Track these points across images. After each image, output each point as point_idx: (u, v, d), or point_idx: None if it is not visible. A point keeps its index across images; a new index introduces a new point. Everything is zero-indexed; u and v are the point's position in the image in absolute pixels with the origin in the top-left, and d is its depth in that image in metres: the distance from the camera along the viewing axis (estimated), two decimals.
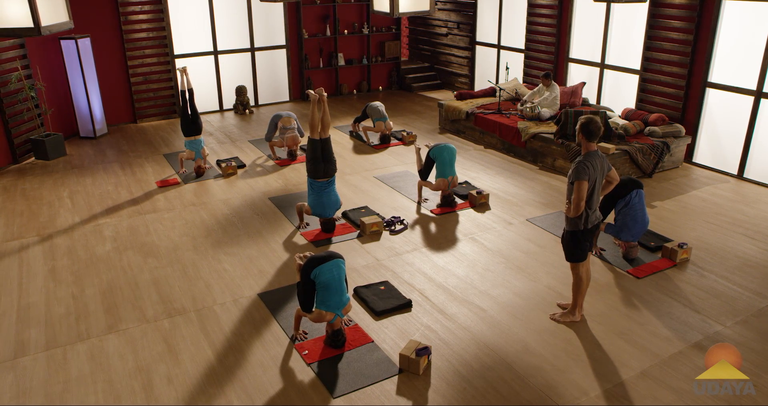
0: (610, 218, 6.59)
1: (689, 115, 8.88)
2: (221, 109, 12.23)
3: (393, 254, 6.34)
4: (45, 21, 4.42)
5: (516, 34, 11.77)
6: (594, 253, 6.24)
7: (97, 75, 10.36)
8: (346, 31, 13.15)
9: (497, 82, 12.22)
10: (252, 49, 12.19)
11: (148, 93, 11.35)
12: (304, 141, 9.65)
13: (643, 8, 9.15)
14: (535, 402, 4.24)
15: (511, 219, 7.14)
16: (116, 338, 4.95)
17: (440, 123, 10.94)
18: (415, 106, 12.53)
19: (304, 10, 12.49)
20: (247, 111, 12.05)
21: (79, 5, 10.00)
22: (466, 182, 8.18)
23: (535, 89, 9.81)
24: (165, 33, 11.15)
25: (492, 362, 4.64)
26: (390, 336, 4.97)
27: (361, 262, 6.18)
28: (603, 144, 8.10)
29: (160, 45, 11.18)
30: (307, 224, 6.97)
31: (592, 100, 10.30)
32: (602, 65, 10.07)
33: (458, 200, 7.64)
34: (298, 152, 9.35)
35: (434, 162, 7.33)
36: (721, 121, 8.58)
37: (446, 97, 12.84)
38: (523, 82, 11.47)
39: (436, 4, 11.74)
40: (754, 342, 4.87)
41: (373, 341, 4.88)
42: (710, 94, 8.62)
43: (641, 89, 9.43)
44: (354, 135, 10.37)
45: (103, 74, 10.67)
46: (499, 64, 12.34)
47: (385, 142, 9.91)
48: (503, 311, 5.29)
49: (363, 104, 12.09)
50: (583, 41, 10.43)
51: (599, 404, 4.22)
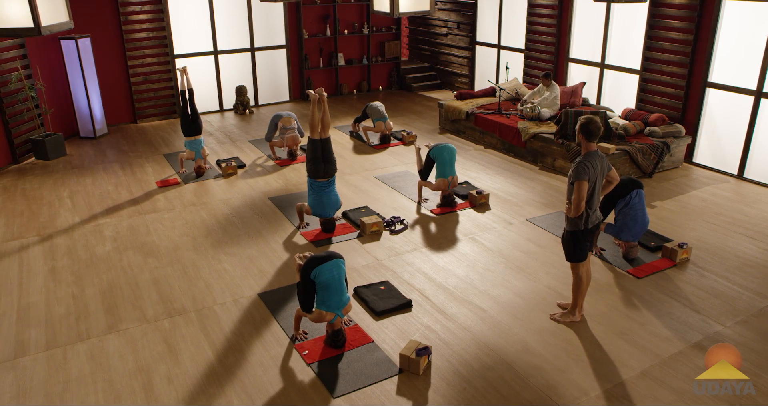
0: (611, 218, 6.59)
1: (689, 115, 8.88)
2: (221, 109, 12.23)
3: (393, 254, 6.34)
4: (45, 21, 4.42)
5: (516, 34, 11.77)
6: (594, 253, 6.24)
7: (97, 75, 10.36)
8: (346, 31, 13.15)
9: (497, 82, 12.22)
10: (252, 49, 12.19)
11: (148, 93, 11.35)
12: (304, 141, 9.65)
13: (643, 8, 9.15)
14: (536, 402, 4.24)
15: (511, 219, 7.14)
16: (116, 338, 4.95)
17: (440, 123, 10.94)
18: (415, 106, 12.53)
19: (304, 10, 12.49)
20: (247, 111, 12.05)
21: (79, 5, 10.00)
22: (466, 182, 8.18)
23: (535, 89, 9.81)
24: (165, 33, 11.15)
25: (492, 362, 4.64)
26: (390, 336, 4.97)
27: (361, 262, 6.18)
28: (603, 144, 8.10)
29: (160, 45, 11.19)
30: (307, 224, 6.97)
31: (592, 100, 10.30)
32: (602, 65, 10.07)
33: (458, 200, 7.64)
34: (298, 152, 9.35)
35: (434, 162, 7.33)
36: (721, 121, 8.58)
37: (446, 97, 12.84)
38: (523, 82, 11.47)
39: (436, 4, 11.74)
40: (754, 342, 4.87)
41: (373, 341, 4.88)
42: (710, 94, 8.62)
43: (641, 89, 9.43)
44: (354, 135, 10.37)
45: (103, 74, 10.67)
46: (499, 64, 12.35)
47: (385, 142, 9.91)
48: (503, 311, 5.30)
49: (363, 104, 12.09)
50: (583, 41, 10.43)
51: (599, 404, 4.23)
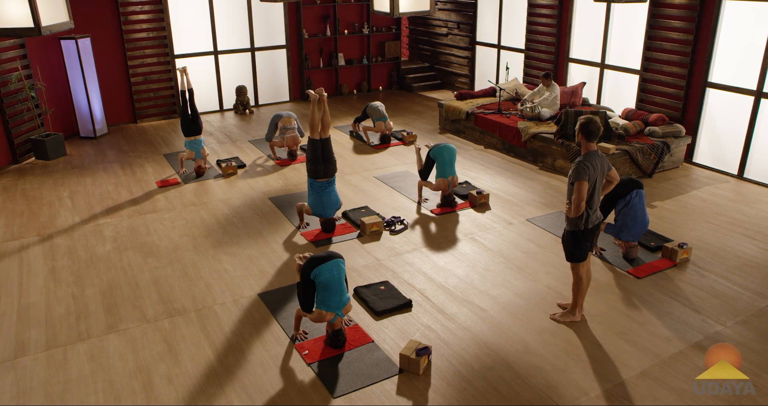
0: (611, 218, 6.59)
1: (689, 115, 8.88)
2: (221, 109, 12.23)
3: (393, 254, 6.34)
4: (45, 21, 4.42)
5: (516, 34, 11.77)
6: (594, 253, 6.24)
7: (97, 75, 10.36)
8: (346, 31, 13.15)
9: (497, 82, 12.22)
10: (252, 49, 12.19)
11: (149, 93, 11.35)
12: (304, 141, 9.65)
13: (643, 8, 9.15)
14: (536, 402, 4.24)
15: (511, 219, 7.14)
16: (116, 338, 4.96)
17: (440, 123, 10.94)
18: (415, 106, 12.53)
19: (304, 10, 12.49)
20: (247, 111, 12.05)
21: (79, 5, 10.00)
22: (466, 182, 8.18)
23: (536, 89, 9.81)
24: (165, 33, 11.15)
25: (492, 362, 4.65)
26: (390, 336, 4.97)
27: (362, 262, 6.18)
28: (603, 144, 8.10)
29: (160, 45, 11.19)
30: (308, 224, 6.97)
31: (593, 100, 10.30)
32: (602, 65, 10.07)
33: (458, 200, 7.64)
34: (299, 152, 9.35)
35: (434, 162, 7.33)
36: (721, 121, 8.58)
37: (446, 97, 12.84)
38: (523, 82, 11.47)
39: (436, 4, 11.74)
40: (754, 342, 4.87)
41: (373, 341, 4.88)
42: (710, 94, 8.62)
43: (641, 89, 9.43)
44: (354, 135, 10.37)
45: (103, 74, 10.67)
46: (499, 64, 12.35)
47: (385, 142, 9.91)
48: (503, 311, 5.30)
49: (363, 104, 12.09)
50: (583, 41, 10.43)
51: (599, 404, 4.23)
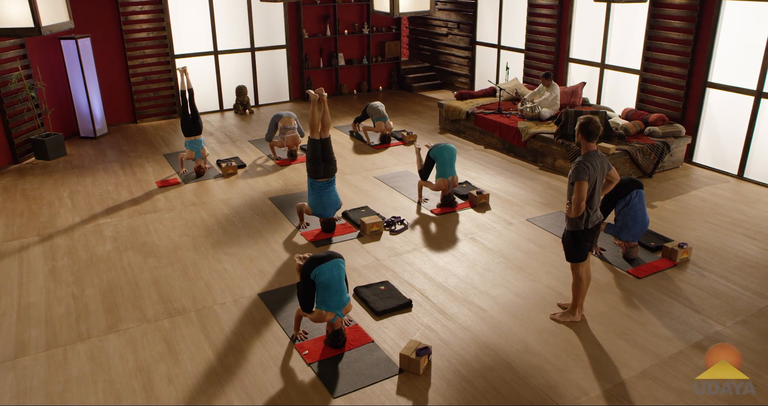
0: (611, 218, 6.59)
1: (689, 115, 8.88)
2: (221, 109, 12.23)
3: (393, 254, 6.34)
4: (45, 21, 4.42)
5: (516, 34, 11.77)
6: (594, 253, 6.24)
7: (97, 75, 10.36)
8: (346, 31, 13.15)
9: (497, 82, 12.22)
10: (252, 49, 12.19)
11: (149, 93, 11.35)
12: (304, 141, 9.65)
13: (643, 8, 9.15)
14: (536, 402, 4.24)
15: (512, 219, 7.14)
16: (116, 338, 4.96)
17: (440, 123, 10.95)
18: (415, 106, 12.53)
19: (304, 10, 12.49)
20: (247, 111, 12.05)
21: (80, 5, 10.00)
22: (466, 182, 8.18)
23: (536, 89, 9.81)
24: (165, 33, 11.15)
25: (492, 362, 4.65)
26: (390, 336, 4.97)
27: (362, 262, 6.18)
28: (603, 144, 8.10)
29: (160, 45, 11.19)
30: (308, 224, 6.97)
31: (593, 100, 10.30)
32: (602, 65, 10.07)
33: (458, 200, 7.64)
34: (299, 152, 9.35)
35: (434, 162, 7.33)
36: (721, 121, 8.58)
37: (446, 97, 12.84)
38: (523, 82, 11.47)
39: (436, 4, 11.74)
40: (754, 342, 4.87)
41: (373, 341, 4.88)
42: (710, 94, 8.62)
43: (641, 89, 9.43)
44: (354, 135, 10.37)
45: (103, 74, 10.67)
46: (499, 64, 12.35)
47: (385, 142, 9.91)
48: (503, 311, 5.30)
49: (363, 104, 12.09)
50: (583, 41, 10.43)
51: (599, 404, 4.23)
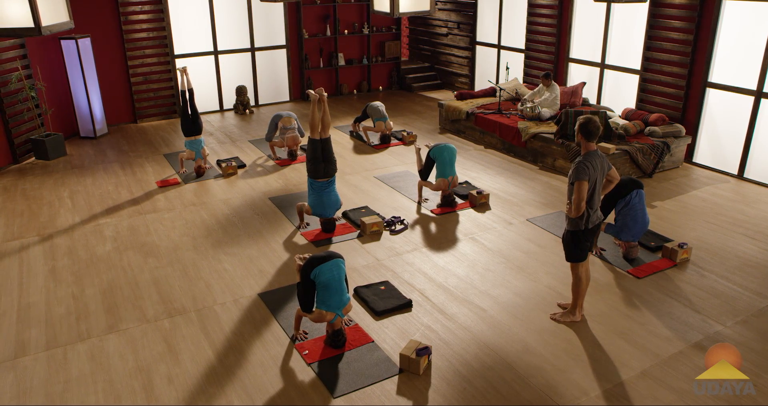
0: (611, 218, 6.59)
1: (689, 115, 8.88)
2: (221, 109, 12.23)
3: (393, 254, 6.34)
4: (45, 21, 4.42)
5: (516, 34, 11.77)
6: (594, 253, 6.24)
7: (97, 75, 10.36)
8: (346, 31, 13.15)
9: (497, 82, 12.22)
10: (252, 49, 12.19)
11: (149, 93, 11.35)
12: (304, 141, 9.65)
13: (643, 8, 9.15)
14: (536, 402, 4.24)
15: (512, 219, 7.14)
16: (116, 338, 4.96)
17: (440, 123, 10.95)
18: (415, 106, 12.53)
19: (304, 10, 12.49)
20: (247, 111, 12.06)
21: (80, 5, 10.00)
22: (466, 182, 8.18)
23: (536, 89, 9.81)
24: (165, 33, 11.15)
25: (492, 361, 4.65)
26: (390, 336, 4.97)
27: (362, 262, 6.18)
28: (603, 144, 8.10)
29: (160, 45, 11.19)
30: (308, 224, 6.97)
31: (593, 100, 10.30)
32: (602, 65, 10.07)
33: (458, 200, 7.64)
34: (299, 152, 9.35)
35: (434, 162, 7.33)
36: (721, 121, 8.58)
37: (446, 97, 12.84)
38: (523, 82, 11.47)
39: (436, 4, 11.74)
40: (754, 342, 4.87)
41: (373, 341, 4.89)
42: (710, 94, 8.62)
43: (641, 89, 9.43)
44: (354, 135, 10.37)
45: (104, 74, 10.67)
46: (499, 64, 12.35)
47: (385, 142, 9.91)
48: (503, 311, 5.30)
49: (363, 104, 12.09)
50: (583, 41, 10.43)
51: (599, 404, 4.23)
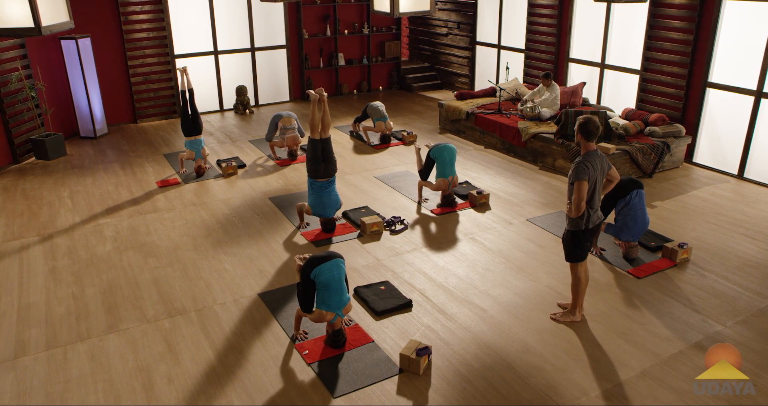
0: (611, 218, 6.59)
1: (689, 115, 8.88)
2: (221, 109, 12.23)
3: (393, 254, 6.34)
4: (45, 21, 4.42)
5: (516, 34, 11.77)
6: (594, 253, 6.24)
7: (97, 75, 10.36)
8: (346, 31, 13.15)
9: (497, 82, 12.23)
10: (252, 49, 12.19)
11: (149, 93, 11.36)
12: (304, 141, 9.66)
13: (644, 8, 9.15)
14: (536, 402, 4.24)
15: (512, 219, 7.14)
16: (117, 338, 4.96)
17: (440, 123, 10.95)
18: (415, 106, 12.53)
19: (304, 10, 12.49)
20: (247, 111, 12.06)
21: (80, 5, 10.00)
22: (466, 182, 8.19)
23: (536, 89, 9.81)
24: (165, 33, 11.15)
25: (492, 361, 4.65)
26: (390, 336, 4.97)
27: (362, 262, 6.18)
28: (603, 144, 8.10)
29: (160, 45, 11.19)
30: (308, 224, 6.97)
31: (593, 100, 10.30)
32: (602, 65, 10.07)
33: (458, 200, 7.64)
34: (299, 152, 9.35)
35: (434, 162, 7.33)
36: (721, 121, 8.58)
37: (446, 97, 12.84)
38: (523, 82, 11.47)
39: (436, 4, 11.74)
40: (754, 342, 4.87)
41: (373, 341, 4.89)
42: (710, 94, 8.62)
43: (641, 89, 9.43)
44: (354, 135, 10.37)
45: (104, 74, 10.67)
46: (499, 64, 12.35)
47: (385, 142, 9.91)
48: (503, 311, 5.30)
49: (363, 104, 12.09)
50: (583, 41, 10.43)
51: (599, 404, 4.23)
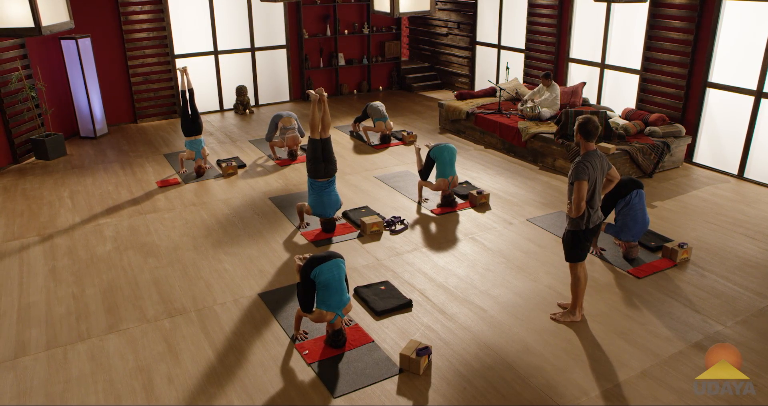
0: (611, 218, 6.60)
1: (689, 115, 8.88)
2: (221, 109, 12.23)
3: (393, 254, 6.34)
4: (45, 21, 4.42)
5: (516, 34, 11.77)
6: (594, 253, 6.24)
7: (97, 75, 10.36)
8: (346, 31, 13.15)
9: (497, 82, 12.23)
10: (252, 49, 12.19)
11: (149, 93, 11.36)
12: (304, 141, 9.66)
13: (644, 8, 9.15)
14: (536, 402, 4.24)
15: (512, 219, 7.14)
16: (117, 338, 4.96)
17: (440, 123, 10.95)
18: (415, 106, 12.53)
19: (304, 10, 12.49)
20: (247, 111, 12.06)
21: (80, 5, 10.00)
22: (466, 182, 8.19)
23: (536, 89, 9.81)
24: (165, 33, 11.15)
25: (492, 361, 4.65)
26: (390, 336, 4.97)
27: (362, 262, 6.18)
28: (603, 144, 8.10)
29: (160, 45, 11.19)
30: (308, 224, 6.97)
31: (593, 100, 10.30)
32: (602, 65, 10.07)
33: (458, 200, 7.64)
34: (299, 152, 9.36)
35: (434, 162, 7.33)
36: (721, 121, 8.59)
37: (446, 97, 12.84)
38: (524, 82, 11.48)
39: (436, 4, 11.73)
40: (754, 342, 4.87)
41: (373, 341, 4.89)
42: (710, 94, 8.62)
43: (641, 89, 9.43)
44: (354, 135, 10.37)
45: (104, 74, 10.67)
46: (499, 64, 12.35)
47: (385, 142, 9.91)
48: (504, 311, 5.30)
49: (363, 104, 12.09)
50: (583, 41, 10.43)
51: (599, 404, 4.23)
